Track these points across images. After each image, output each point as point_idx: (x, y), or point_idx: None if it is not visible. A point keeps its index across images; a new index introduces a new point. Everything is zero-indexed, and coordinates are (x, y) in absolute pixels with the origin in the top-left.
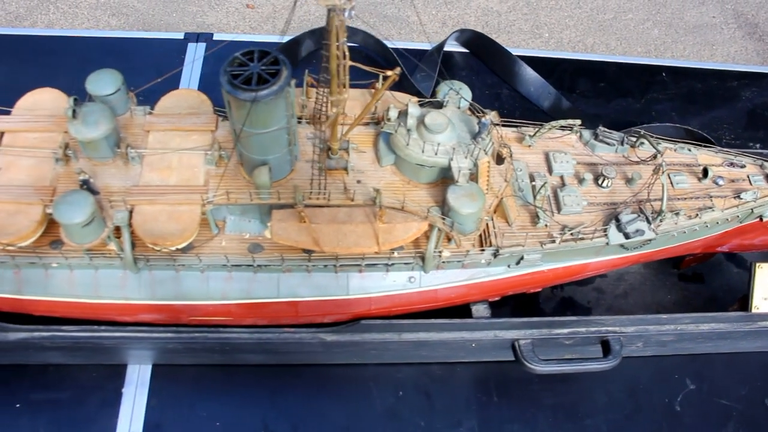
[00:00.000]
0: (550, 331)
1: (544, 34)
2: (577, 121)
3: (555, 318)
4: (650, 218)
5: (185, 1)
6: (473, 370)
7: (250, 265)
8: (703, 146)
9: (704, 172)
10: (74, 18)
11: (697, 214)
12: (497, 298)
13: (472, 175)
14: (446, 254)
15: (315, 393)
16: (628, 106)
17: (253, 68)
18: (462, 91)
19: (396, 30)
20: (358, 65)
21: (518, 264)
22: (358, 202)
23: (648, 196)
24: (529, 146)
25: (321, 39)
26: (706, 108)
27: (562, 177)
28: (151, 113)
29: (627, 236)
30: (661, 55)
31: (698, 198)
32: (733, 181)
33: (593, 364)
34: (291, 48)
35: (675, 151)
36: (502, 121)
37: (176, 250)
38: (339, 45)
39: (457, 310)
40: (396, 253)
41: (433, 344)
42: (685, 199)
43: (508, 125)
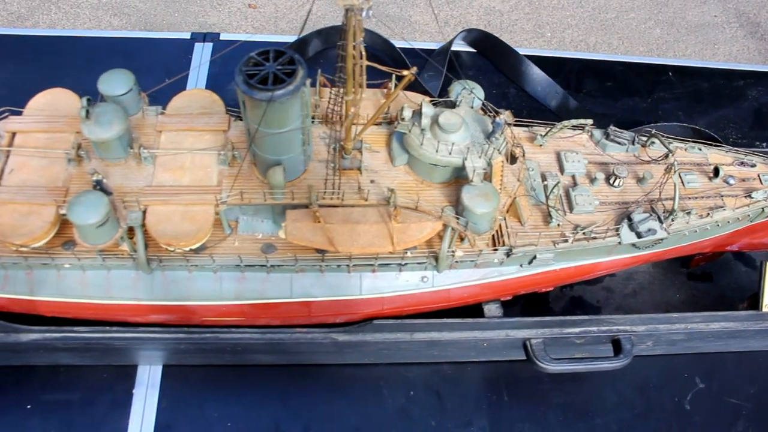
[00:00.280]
0: (561, 330)
1: (546, 34)
2: (589, 121)
3: (566, 317)
4: (662, 217)
5: (187, 1)
6: (483, 369)
7: (264, 266)
8: (714, 145)
9: (715, 171)
10: (76, 18)
11: (709, 214)
12: (509, 297)
13: (486, 174)
14: (459, 254)
15: (326, 393)
16: (635, 105)
17: (269, 68)
18: (475, 90)
19: (398, 29)
20: (375, 65)
21: (530, 263)
22: (372, 202)
23: (660, 195)
24: (541, 146)
25: (328, 39)
26: (713, 107)
27: (573, 176)
28: (163, 113)
29: (639, 235)
30: (663, 54)
31: (709, 197)
32: (743, 180)
33: (604, 363)
34: (298, 48)
35: (685, 150)
36: (513, 121)
37: (189, 250)
38: (356, 45)
39: (468, 309)
40: (409, 253)
41: (445, 344)
42: (696, 198)
43: (519, 125)
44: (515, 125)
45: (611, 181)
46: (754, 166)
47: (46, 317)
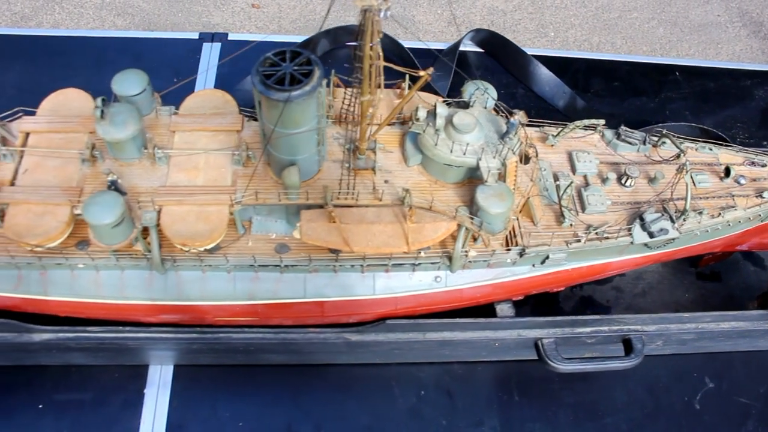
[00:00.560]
0: (572, 330)
1: (549, 33)
2: (601, 121)
3: (578, 317)
4: (674, 217)
5: (191, 1)
6: (494, 369)
7: (278, 266)
8: (724, 145)
9: (726, 171)
10: (80, 18)
11: (720, 213)
12: (521, 297)
13: (500, 174)
14: (473, 254)
15: (337, 393)
16: (642, 105)
17: (286, 68)
18: (488, 90)
19: (402, 29)
20: (391, 65)
21: (543, 263)
22: (386, 202)
23: (671, 195)
24: (552, 146)
25: (336, 39)
26: (720, 107)
27: (585, 176)
28: (176, 113)
29: (651, 235)
30: (666, 53)
31: (720, 197)
32: (754, 180)
33: (615, 362)
34: (306, 48)
35: (696, 150)
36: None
37: (203, 250)
38: (373, 45)
39: (479, 309)
40: (423, 253)
41: (457, 343)
42: (708, 198)
43: (531, 125)
44: (527, 125)
45: (623, 181)
46: (764, 166)
47: (59, 317)
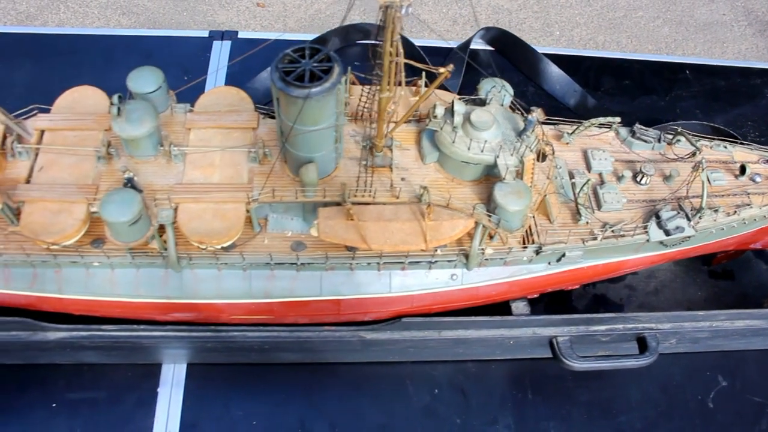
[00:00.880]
0: (587, 328)
1: (554, 32)
2: (617, 119)
3: (593, 315)
4: (690, 215)
5: None
6: (507, 367)
7: (294, 264)
8: (739, 143)
9: (742, 169)
10: (85, 17)
11: (736, 211)
12: (536, 295)
13: (518, 172)
14: (489, 252)
15: (351, 391)
16: (653, 103)
17: (306, 65)
18: (505, 88)
19: (408, 27)
20: (411, 62)
21: (559, 261)
22: (403, 200)
23: (687, 193)
24: (567, 143)
25: (347, 37)
26: (730, 105)
27: (600, 174)
28: (191, 111)
29: (667, 233)
30: (672, 52)
31: (736, 195)
32: None
33: (631, 360)
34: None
35: (711, 148)
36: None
37: (219, 248)
38: (393, 42)
39: (493, 306)
40: (439, 251)
41: (472, 342)
42: (723, 196)
43: (546, 123)
44: (542, 123)
45: (638, 179)
46: None
47: (73, 315)
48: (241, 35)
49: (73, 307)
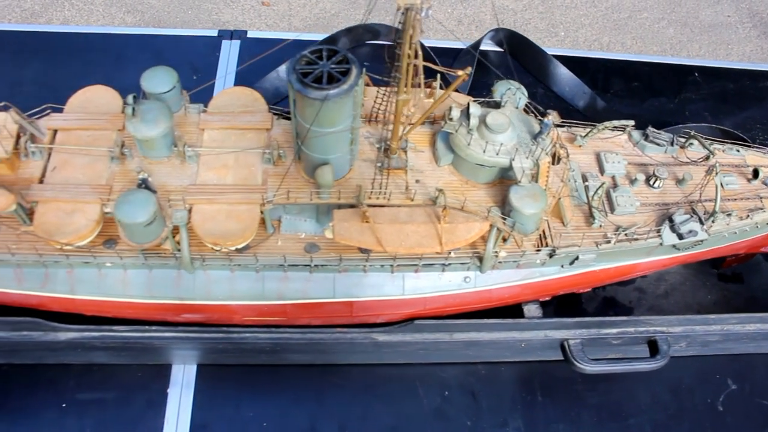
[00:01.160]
0: (599, 331)
1: (559, 33)
2: (631, 122)
3: (605, 318)
4: (703, 219)
5: None
6: (517, 369)
7: (307, 265)
8: (752, 147)
9: (755, 173)
10: (89, 15)
11: (749, 215)
12: (548, 298)
13: (532, 175)
14: (503, 254)
15: (362, 393)
16: (662, 106)
17: (323, 66)
18: (520, 90)
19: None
20: (430, 65)
21: (572, 264)
22: (418, 202)
23: (700, 196)
24: (580, 146)
25: (357, 37)
26: (739, 108)
27: (613, 177)
28: (205, 111)
29: (680, 237)
30: (677, 53)
31: (748, 199)
32: None
33: (642, 364)
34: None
35: (723, 151)
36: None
37: (233, 250)
38: (412, 44)
39: (504, 309)
40: (453, 254)
41: (483, 344)
42: (736, 200)
43: (559, 125)
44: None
45: (651, 182)
46: None
47: (85, 316)
48: (250, 35)
49: (85, 307)
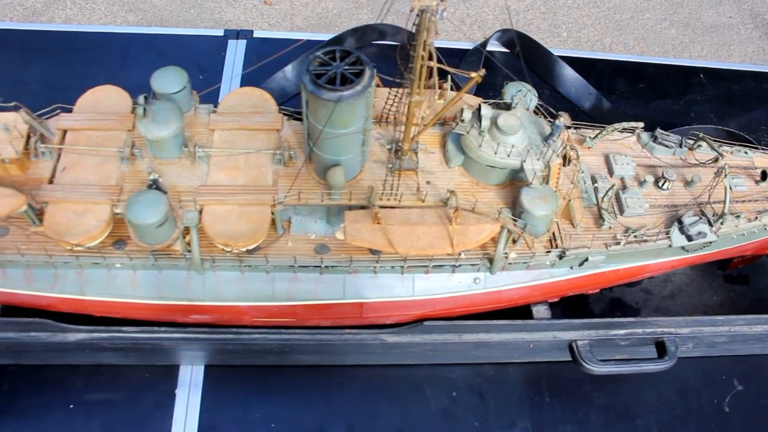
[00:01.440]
0: (607, 332)
1: (562, 33)
2: (640, 124)
3: (614, 319)
4: (711, 221)
5: None
6: (525, 370)
7: (318, 266)
8: (759, 148)
9: (763, 175)
10: (91, 13)
11: (757, 217)
12: (556, 299)
13: (543, 177)
14: (513, 256)
15: (369, 394)
16: (667, 107)
17: (337, 68)
18: (531, 92)
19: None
20: (443, 66)
21: (581, 265)
22: (429, 203)
23: (709, 198)
24: (589, 148)
25: (363, 37)
26: (743, 109)
27: (622, 179)
28: (215, 111)
29: (689, 238)
30: (679, 54)
31: (757, 200)
32: None
33: (650, 364)
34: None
35: (731, 153)
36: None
37: (244, 251)
38: (426, 46)
39: (513, 310)
40: (463, 255)
41: (492, 345)
42: (744, 201)
43: (568, 127)
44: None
45: (660, 184)
46: None
47: (94, 317)
48: (256, 34)
49: (94, 308)
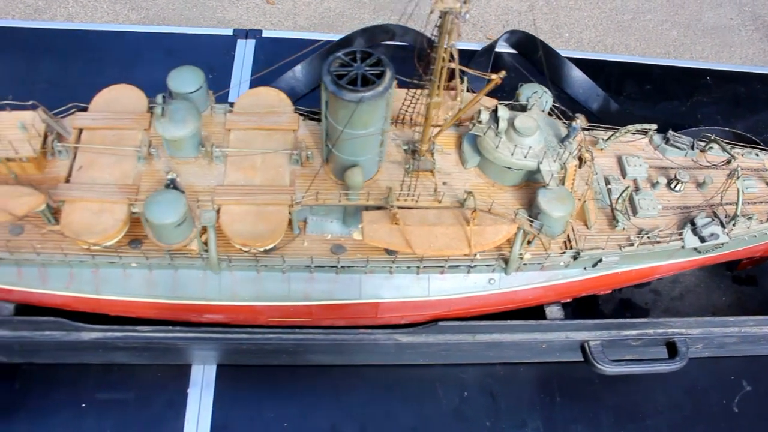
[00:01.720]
0: (619, 333)
1: (564, 34)
2: (654, 126)
3: (626, 320)
4: (724, 222)
5: None
6: (536, 370)
7: (334, 267)
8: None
9: None
10: (93, 11)
11: None
12: (569, 299)
13: (560, 178)
14: (528, 256)
15: (381, 393)
16: (674, 109)
17: (358, 69)
18: (546, 94)
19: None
20: (463, 68)
21: (594, 266)
22: (446, 204)
23: (721, 200)
24: (602, 149)
25: (373, 38)
26: (750, 111)
27: (635, 180)
28: (231, 111)
29: (702, 240)
30: (680, 56)
31: None
32: None
33: (662, 365)
34: (341, 46)
35: (742, 155)
36: (587, 125)
37: (261, 251)
38: (447, 48)
39: (525, 310)
40: (478, 255)
41: (505, 345)
42: (755, 203)
43: (584, 129)
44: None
45: (672, 186)
46: None
47: (108, 316)
48: (265, 34)
49: (109, 307)
